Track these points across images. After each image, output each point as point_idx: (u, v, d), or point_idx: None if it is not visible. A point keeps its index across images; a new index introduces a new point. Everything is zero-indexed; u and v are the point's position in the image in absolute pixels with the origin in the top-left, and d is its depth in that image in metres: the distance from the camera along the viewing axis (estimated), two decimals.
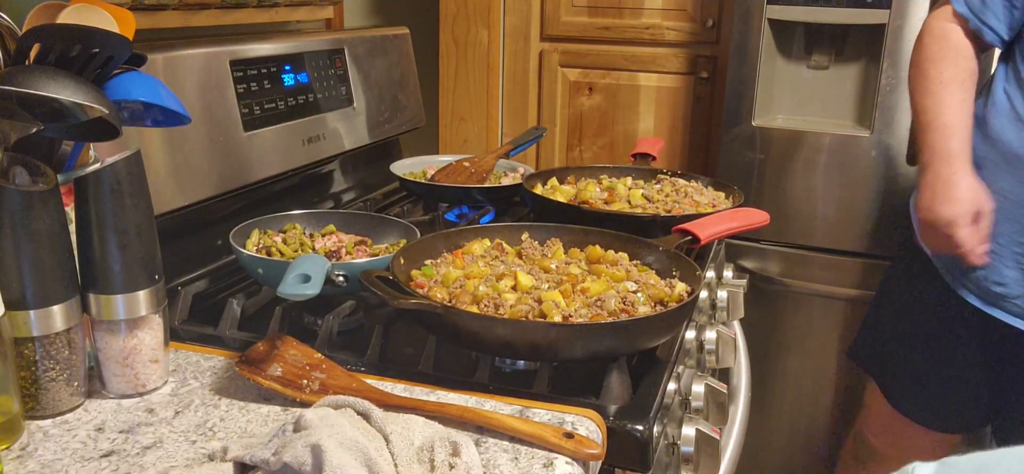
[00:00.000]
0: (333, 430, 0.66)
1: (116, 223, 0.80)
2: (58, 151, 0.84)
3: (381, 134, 1.66)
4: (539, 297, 0.92)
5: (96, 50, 0.78)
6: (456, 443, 0.71)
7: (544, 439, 0.75)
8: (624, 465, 0.81)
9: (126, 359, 0.83)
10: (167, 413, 0.81)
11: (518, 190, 1.48)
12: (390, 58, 1.71)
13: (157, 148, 1.11)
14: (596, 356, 0.89)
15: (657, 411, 0.84)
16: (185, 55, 1.18)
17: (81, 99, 0.76)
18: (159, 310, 0.85)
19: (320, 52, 1.49)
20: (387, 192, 1.63)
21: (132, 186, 0.80)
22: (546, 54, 1.98)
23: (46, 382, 0.78)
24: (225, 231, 1.10)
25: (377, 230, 1.19)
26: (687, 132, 1.91)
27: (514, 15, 1.97)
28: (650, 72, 1.91)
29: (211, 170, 1.20)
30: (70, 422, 0.79)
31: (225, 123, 1.24)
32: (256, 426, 0.79)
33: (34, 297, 0.76)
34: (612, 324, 0.88)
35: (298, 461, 0.64)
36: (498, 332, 0.86)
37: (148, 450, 0.74)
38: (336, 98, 1.51)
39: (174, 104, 0.86)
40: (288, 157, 1.37)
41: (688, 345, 1.04)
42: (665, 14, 1.88)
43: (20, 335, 0.77)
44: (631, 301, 0.93)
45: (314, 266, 0.90)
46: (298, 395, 0.82)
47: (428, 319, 0.89)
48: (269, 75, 1.35)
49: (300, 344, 0.89)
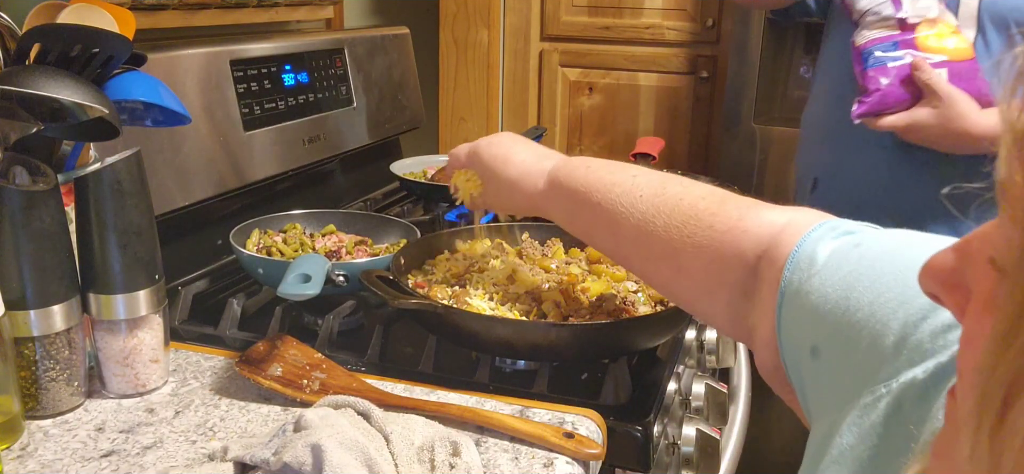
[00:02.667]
0: (333, 430, 0.66)
1: (116, 223, 0.80)
2: (58, 151, 0.84)
3: (381, 134, 1.66)
4: (539, 297, 0.92)
5: (96, 50, 0.78)
6: (456, 443, 0.71)
7: (544, 439, 0.75)
8: (624, 465, 0.81)
9: (126, 359, 0.83)
10: (167, 413, 0.81)
11: None
12: (390, 58, 1.71)
13: (157, 148, 1.11)
14: (596, 356, 0.89)
15: (657, 411, 0.84)
16: (185, 55, 1.18)
17: (81, 99, 0.76)
18: (159, 310, 0.85)
19: (320, 52, 1.49)
20: (387, 192, 1.63)
21: (132, 186, 0.80)
22: (546, 54, 1.98)
23: (46, 382, 0.78)
24: (225, 231, 1.10)
25: (377, 230, 1.19)
26: (687, 132, 1.91)
27: (514, 15, 1.97)
28: (650, 72, 1.91)
29: (211, 170, 1.20)
30: (70, 422, 0.79)
31: (225, 123, 1.24)
32: (256, 426, 0.79)
33: (34, 297, 0.76)
34: (612, 324, 0.88)
35: (298, 461, 0.64)
36: (498, 332, 0.86)
37: (148, 450, 0.74)
38: (336, 98, 1.51)
39: (174, 104, 0.86)
40: (288, 157, 1.37)
41: (688, 345, 1.04)
42: (665, 14, 1.88)
43: (20, 335, 0.77)
44: (631, 301, 0.93)
45: (314, 266, 0.90)
46: (298, 395, 0.82)
47: (428, 319, 0.89)
48: (269, 75, 1.35)
49: (300, 344, 0.89)
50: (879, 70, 1.16)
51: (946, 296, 0.33)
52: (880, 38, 1.17)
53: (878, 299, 0.49)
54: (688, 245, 0.67)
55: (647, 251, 0.71)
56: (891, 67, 1.15)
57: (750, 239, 0.62)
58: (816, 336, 0.54)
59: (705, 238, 0.66)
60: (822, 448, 0.49)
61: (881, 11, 1.17)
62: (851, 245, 0.55)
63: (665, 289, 0.75)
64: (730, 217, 0.65)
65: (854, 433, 0.47)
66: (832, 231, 0.58)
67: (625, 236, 0.73)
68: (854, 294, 0.51)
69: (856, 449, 0.46)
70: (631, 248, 0.74)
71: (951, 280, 0.32)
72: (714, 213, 0.66)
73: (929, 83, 1.12)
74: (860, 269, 0.52)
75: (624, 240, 0.74)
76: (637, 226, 0.72)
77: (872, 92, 1.16)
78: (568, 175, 0.81)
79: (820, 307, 0.53)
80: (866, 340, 0.49)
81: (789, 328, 0.57)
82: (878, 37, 1.17)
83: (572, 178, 0.80)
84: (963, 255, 0.32)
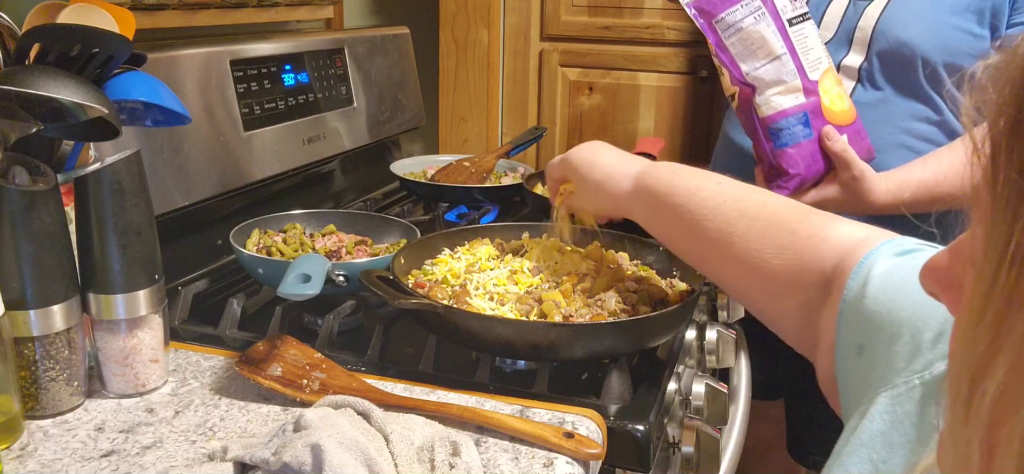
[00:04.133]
0: (333, 430, 0.66)
1: (116, 223, 0.79)
2: (58, 151, 0.84)
3: (381, 134, 1.66)
4: (539, 297, 0.92)
5: (96, 50, 0.78)
6: (456, 443, 0.71)
7: (544, 439, 0.75)
8: (624, 465, 0.81)
9: (126, 359, 0.83)
10: (167, 413, 0.81)
11: (518, 190, 1.48)
12: (390, 58, 1.71)
13: (157, 148, 1.11)
14: (596, 356, 0.89)
15: (657, 411, 0.84)
16: (185, 55, 1.18)
17: (81, 99, 0.76)
18: (159, 310, 0.85)
19: (320, 52, 1.49)
20: (387, 192, 1.63)
21: (132, 186, 0.80)
22: (546, 54, 1.98)
23: (46, 382, 0.78)
24: (225, 231, 1.10)
25: (377, 230, 1.19)
26: (687, 132, 1.91)
27: (514, 15, 1.97)
28: (650, 72, 1.91)
29: (211, 170, 1.20)
30: (70, 422, 0.79)
31: (225, 123, 1.24)
32: (256, 426, 0.79)
33: (34, 297, 0.76)
34: (612, 324, 0.88)
35: (298, 461, 0.64)
36: (498, 332, 0.86)
37: (148, 450, 0.74)
38: (336, 98, 1.51)
39: (174, 104, 0.86)
40: (288, 157, 1.37)
41: (688, 345, 1.04)
42: (665, 14, 1.87)
43: (20, 335, 0.77)
44: (631, 301, 0.93)
45: (314, 266, 0.90)
46: (298, 395, 0.82)
47: (428, 319, 0.89)
48: (269, 75, 1.35)
49: (300, 344, 0.89)
50: (795, 149, 1.09)
51: (942, 293, 0.36)
52: (788, 110, 1.09)
53: (923, 299, 0.51)
54: (769, 247, 0.71)
55: (726, 252, 0.75)
56: (804, 142, 1.09)
57: (829, 248, 0.66)
58: (862, 335, 0.57)
59: (787, 241, 0.69)
60: (849, 435, 0.51)
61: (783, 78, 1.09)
62: (909, 258, 0.58)
63: (738, 290, 0.78)
64: (813, 225, 0.69)
65: (886, 420, 0.49)
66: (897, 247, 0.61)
67: (706, 237, 0.77)
68: (900, 296, 0.54)
69: (888, 435, 0.48)
70: (710, 249, 0.78)
71: (946, 279, 0.35)
72: (799, 219, 0.70)
73: (843, 157, 1.08)
74: (910, 278, 0.54)
75: (704, 240, 0.78)
76: (719, 228, 0.76)
77: (793, 177, 1.10)
78: (654, 178, 0.86)
79: (869, 309, 0.57)
80: (907, 335, 0.52)
81: (843, 333, 0.60)
82: (786, 109, 1.09)
83: (658, 181, 0.85)
84: (954, 255, 0.34)
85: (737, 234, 0.74)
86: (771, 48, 1.09)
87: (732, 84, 1.12)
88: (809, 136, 1.09)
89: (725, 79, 1.13)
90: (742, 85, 1.11)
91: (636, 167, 0.90)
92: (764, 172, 1.14)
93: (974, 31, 1.14)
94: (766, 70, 1.09)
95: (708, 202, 0.78)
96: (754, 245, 0.72)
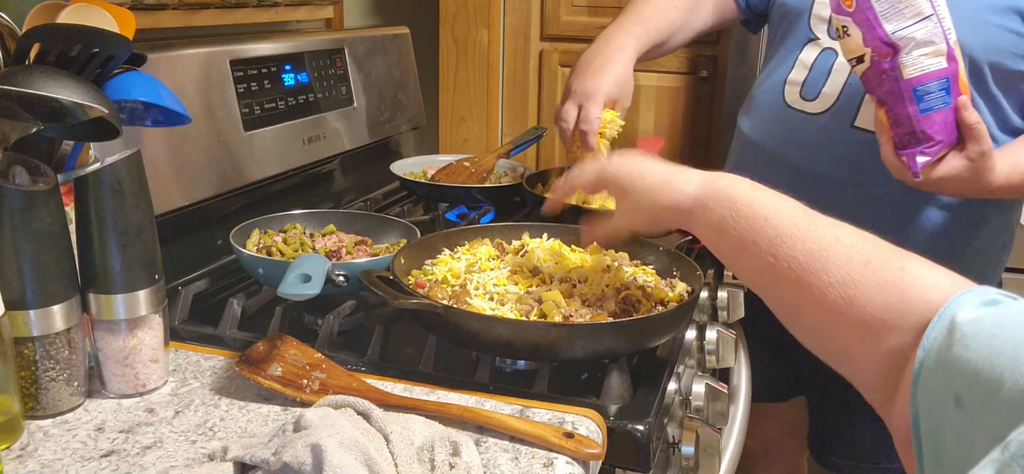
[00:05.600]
0: (333, 430, 0.66)
1: (116, 223, 0.79)
2: (58, 151, 0.84)
3: (381, 134, 1.66)
4: (539, 297, 0.93)
5: (96, 50, 0.78)
6: (456, 443, 0.71)
7: (544, 439, 0.75)
8: (624, 465, 0.81)
9: (126, 359, 0.83)
10: (167, 413, 0.81)
11: (518, 190, 1.48)
12: (390, 58, 1.71)
13: (157, 148, 1.11)
14: (596, 356, 0.89)
15: (657, 411, 0.84)
16: (185, 55, 1.18)
17: (81, 99, 0.76)
18: (159, 310, 0.85)
19: (320, 52, 1.49)
20: (387, 192, 1.63)
21: (132, 186, 0.80)
22: (546, 54, 1.98)
23: (46, 382, 0.78)
24: (225, 231, 1.10)
25: (377, 230, 1.19)
26: (687, 132, 1.91)
27: (514, 15, 1.97)
28: (650, 72, 1.91)
29: (211, 170, 1.20)
30: (70, 422, 0.79)
31: (225, 123, 1.24)
32: (256, 426, 0.79)
33: (34, 297, 0.76)
34: (612, 324, 0.88)
35: (298, 461, 0.64)
36: (498, 332, 0.86)
37: (148, 450, 0.74)
38: (336, 98, 1.51)
39: (174, 104, 0.86)
40: (288, 157, 1.37)
41: (688, 345, 1.04)
42: None
43: (20, 335, 0.77)
44: (631, 301, 0.93)
45: (314, 266, 0.91)
46: (298, 395, 0.82)
47: (428, 319, 0.89)
48: (269, 75, 1.35)
49: (300, 344, 0.89)
50: (939, 114, 1.03)
51: None
52: (933, 73, 1.03)
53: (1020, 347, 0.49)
54: (872, 280, 0.63)
55: (814, 279, 0.66)
56: (944, 109, 1.03)
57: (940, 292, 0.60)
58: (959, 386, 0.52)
59: (895, 277, 0.62)
60: None
61: (932, 39, 1.02)
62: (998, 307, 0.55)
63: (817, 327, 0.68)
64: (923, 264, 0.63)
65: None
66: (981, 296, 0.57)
67: (791, 257, 0.68)
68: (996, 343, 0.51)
69: None
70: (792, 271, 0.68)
71: None
72: (907, 257, 0.64)
73: (978, 129, 1.02)
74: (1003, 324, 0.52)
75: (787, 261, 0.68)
76: (811, 251, 0.67)
77: (937, 142, 1.03)
78: (729, 184, 0.76)
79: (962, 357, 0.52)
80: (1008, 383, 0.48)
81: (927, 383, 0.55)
82: (932, 72, 1.03)
83: (733, 188, 0.76)
84: None
85: (833, 260, 0.65)
86: (920, 7, 1.02)
87: (865, 45, 1.05)
88: (948, 104, 1.03)
89: (851, 41, 1.06)
90: (882, 44, 1.04)
91: (691, 174, 0.81)
92: (899, 138, 1.06)
93: (1019, 30, 1.12)
94: (915, 29, 1.03)
95: (799, 220, 0.69)
96: (857, 274, 0.64)
